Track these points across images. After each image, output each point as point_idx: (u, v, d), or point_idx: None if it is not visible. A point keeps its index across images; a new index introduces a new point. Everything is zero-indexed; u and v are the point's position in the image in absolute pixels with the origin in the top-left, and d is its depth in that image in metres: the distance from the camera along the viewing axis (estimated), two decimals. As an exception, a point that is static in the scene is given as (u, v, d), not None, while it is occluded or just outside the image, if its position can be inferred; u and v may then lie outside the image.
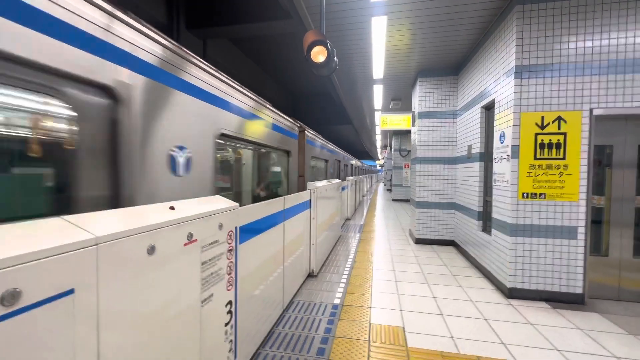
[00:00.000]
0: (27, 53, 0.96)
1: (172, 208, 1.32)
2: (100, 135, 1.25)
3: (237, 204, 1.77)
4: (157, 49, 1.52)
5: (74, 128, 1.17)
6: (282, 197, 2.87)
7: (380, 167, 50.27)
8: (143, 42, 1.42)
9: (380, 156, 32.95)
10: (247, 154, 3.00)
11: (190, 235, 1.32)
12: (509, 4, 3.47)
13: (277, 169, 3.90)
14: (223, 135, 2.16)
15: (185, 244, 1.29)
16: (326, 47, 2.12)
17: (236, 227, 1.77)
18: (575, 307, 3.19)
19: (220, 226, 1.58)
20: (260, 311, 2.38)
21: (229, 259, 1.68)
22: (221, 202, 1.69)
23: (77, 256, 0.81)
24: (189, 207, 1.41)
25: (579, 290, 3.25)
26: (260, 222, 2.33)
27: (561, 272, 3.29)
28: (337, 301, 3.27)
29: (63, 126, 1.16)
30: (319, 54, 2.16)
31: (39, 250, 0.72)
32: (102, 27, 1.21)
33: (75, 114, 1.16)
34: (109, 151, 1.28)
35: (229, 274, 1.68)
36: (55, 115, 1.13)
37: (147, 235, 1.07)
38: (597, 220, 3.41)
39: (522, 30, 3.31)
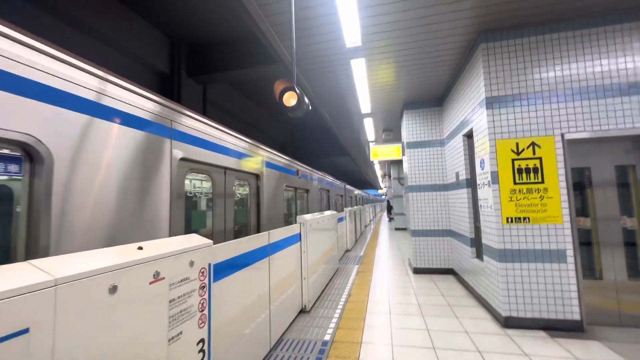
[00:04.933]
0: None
1: (140, 248, 1.42)
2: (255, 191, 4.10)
3: (210, 242, 1.86)
4: (275, 156, 4.49)
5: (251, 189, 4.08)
6: (267, 232, 2.94)
7: (384, 196, 50.16)
8: (273, 156, 4.51)
9: (382, 185, 33.00)
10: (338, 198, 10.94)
11: (156, 274, 1.40)
12: (475, 42, 3.76)
13: (341, 202, 12.30)
14: (322, 190, 7.77)
15: (151, 282, 1.36)
16: (295, 92, 2.34)
17: (210, 264, 1.84)
18: (574, 335, 3.06)
19: (192, 263, 1.65)
20: (241, 350, 2.36)
21: (201, 296, 1.73)
22: (194, 240, 1.78)
23: (34, 297, 0.90)
24: (158, 247, 1.51)
25: (577, 317, 3.14)
26: (240, 258, 2.39)
27: (555, 298, 3.20)
28: (327, 337, 3.19)
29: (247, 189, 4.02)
30: (290, 99, 2.38)
31: None
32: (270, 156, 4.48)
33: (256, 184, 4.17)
34: (258, 198, 4.15)
35: (201, 311, 1.72)
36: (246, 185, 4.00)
37: (109, 275, 1.16)
38: (586, 242, 3.39)
39: (488, 65, 3.56)
